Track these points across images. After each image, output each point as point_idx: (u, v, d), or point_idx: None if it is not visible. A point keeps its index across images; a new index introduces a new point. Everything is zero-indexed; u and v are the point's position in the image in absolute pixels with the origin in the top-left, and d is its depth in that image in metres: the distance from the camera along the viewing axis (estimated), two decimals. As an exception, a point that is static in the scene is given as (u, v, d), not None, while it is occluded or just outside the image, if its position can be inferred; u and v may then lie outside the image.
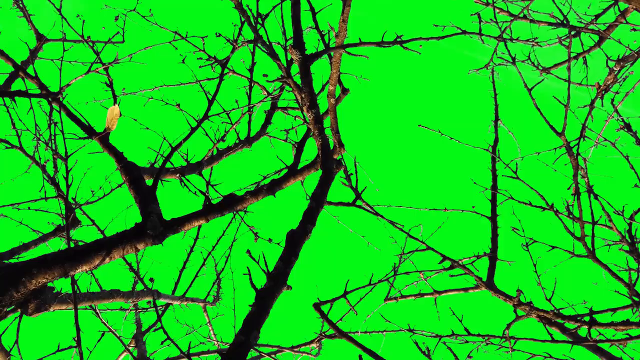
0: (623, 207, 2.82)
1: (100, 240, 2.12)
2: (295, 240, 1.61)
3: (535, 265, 2.91)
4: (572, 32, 3.30)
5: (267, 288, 1.47)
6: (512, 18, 2.59)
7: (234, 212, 2.30)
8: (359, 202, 1.86)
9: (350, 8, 2.13)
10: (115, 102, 2.59)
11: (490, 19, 2.40)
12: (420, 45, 1.97)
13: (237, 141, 3.25)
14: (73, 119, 2.41)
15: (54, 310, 2.47)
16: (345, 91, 2.54)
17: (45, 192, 2.98)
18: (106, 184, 4.09)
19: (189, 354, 1.45)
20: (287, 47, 1.92)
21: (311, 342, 4.01)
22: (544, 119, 2.08)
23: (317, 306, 1.44)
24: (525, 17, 2.72)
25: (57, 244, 3.68)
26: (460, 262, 3.02)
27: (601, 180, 2.74)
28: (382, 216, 1.87)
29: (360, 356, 1.42)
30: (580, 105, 2.36)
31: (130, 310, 4.30)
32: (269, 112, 3.52)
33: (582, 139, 2.29)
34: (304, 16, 2.53)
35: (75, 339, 2.06)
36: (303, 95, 1.92)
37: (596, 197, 2.57)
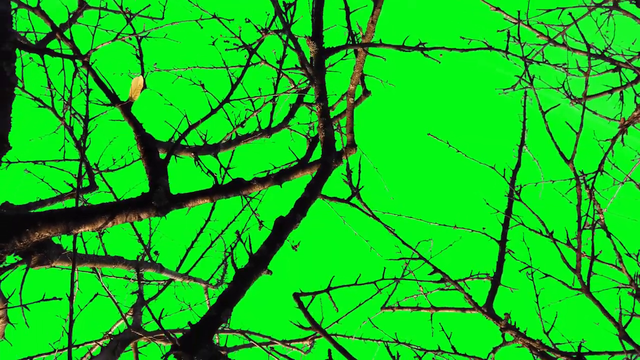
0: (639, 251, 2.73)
1: (106, 204, 2.18)
2: (282, 226, 1.62)
3: (537, 295, 2.85)
4: (613, 67, 3.22)
5: (248, 269, 1.49)
6: (546, 41, 2.54)
7: (241, 197, 2.32)
8: (355, 201, 1.86)
9: (380, 10, 2.13)
10: (142, 74, 2.65)
11: (522, 41, 2.35)
12: (441, 54, 1.96)
13: (258, 129, 3.29)
14: (99, 84, 2.48)
15: (55, 265, 2.55)
16: (366, 93, 2.54)
17: (64, 152, 3.06)
18: (128, 155, 4.20)
19: (166, 331, 1.47)
20: (305, 38, 1.93)
21: (304, 339, 4.03)
22: (555, 145, 2.03)
23: (296, 296, 1.45)
24: (562, 44, 2.66)
25: (71, 205, 3.78)
26: (459, 281, 2.98)
27: (619, 220, 2.66)
28: (378, 219, 1.86)
29: (329, 351, 1.42)
30: (604, 139, 2.29)
31: (134, 280, 4.39)
32: (294, 105, 3.54)
33: (599, 173, 2.23)
34: (337, 14, 2.54)
35: (69, 295, 2.12)
36: (314, 87, 1.93)
37: (609, 235, 2.50)
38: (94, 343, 2.77)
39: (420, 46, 1.93)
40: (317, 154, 2.52)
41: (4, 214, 2.00)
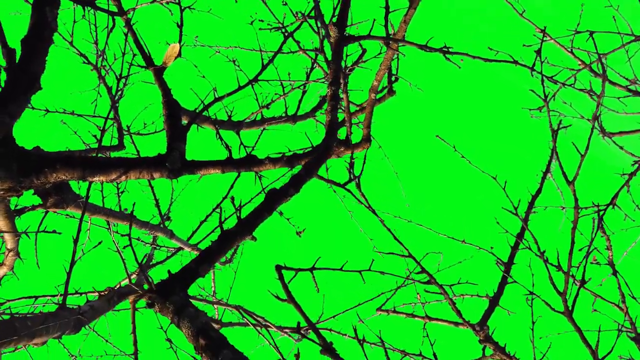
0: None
1: (122, 158, 2.28)
2: (273, 197, 1.67)
3: (533, 322, 2.80)
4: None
5: (233, 231, 1.54)
6: (581, 66, 2.49)
7: (254, 173, 2.38)
8: (352, 187, 1.89)
9: (414, 11, 2.15)
10: (179, 43, 2.74)
11: (552, 61, 2.32)
12: (462, 60, 1.96)
13: (284, 115, 3.35)
14: (137, 45, 2.59)
15: (69, 210, 2.67)
16: (391, 92, 2.56)
17: (95, 106, 3.19)
18: (159, 122, 4.34)
19: (145, 275, 1.53)
20: (328, 23, 1.97)
21: (299, 328, 4.06)
22: (559, 165, 2.00)
23: (278, 268, 1.49)
24: (598, 73, 2.61)
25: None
26: (456, 297, 2.97)
27: (629, 258, 2.60)
28: (374, 211, 1.87)
29: (298, 323, 1.46)
30: (622, 173, 2.24)
31: (146, 244, 4.53)
32: (323, 97, 3.59)
33: (612, 206, 2.18)
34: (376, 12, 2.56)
35: (75, 238, 2.23)
36: (329, 71, 1.97)
37: (615, 273, 2.44)
38: (95, 292, 2.89)
39: (443, 49, 1.94)
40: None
41: (27, 152, 2.12)
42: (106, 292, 2.50)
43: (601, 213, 2.15)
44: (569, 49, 2.47)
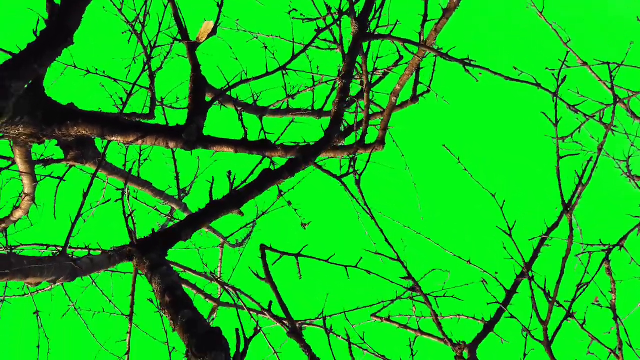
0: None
1: (142, 123, 2.36)
2: (266, 177, 1.70)
3: (525, 354, 2.74)
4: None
5: (221, 202, 1.58)
6: (617, 100, 2.41)
7: (263, 157, 2.42)
8: (349, 181, 1.89)
9: (446, 21, 2.15)
10: (217, 22, 2.80)
11: (579, 90, 2.26)
12: (480, 74, 1.94)
13: (310, 108, 3.38)
14: (176, 17, 2.66)
15: (88, 166, 2.78)
16: (414, 100, 2.55)
17: (128, 71, 3.30)
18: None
19: (130, 230, 1.59)
20: (351, 17, 1.99)
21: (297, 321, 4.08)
22: (560, 192, 1.95)
23: (263, 248, 1.52)
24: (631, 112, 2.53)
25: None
26: (449, 317, 2.94)
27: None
28: (369, 211, 1.86)
29: (270, 302, 1.48)
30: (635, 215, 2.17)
31: (162, 215, 4.64)
32: (352, 98, 3.60)
33: (619, 247, 2.11)
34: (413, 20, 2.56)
35: (85, 191, 2.32)
36: (344, 63, 1.98)
37: (615, 317, 2.37)
38: (100, 249, 2.98)
39: (465, 60, 1.92)
40: (350, 139, 2.57)
41: (53, 102, 2.22)
42: (109, 249, 2.58)
43: (593, 251, 2.08)
44: (604, 82, 2.40)
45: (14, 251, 2.80)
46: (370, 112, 2.82)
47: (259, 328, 1.20)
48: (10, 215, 2.87)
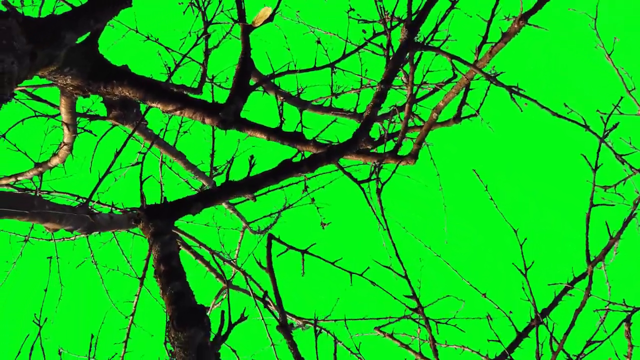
0: None
1: (183, 95, 2.40)
2: (284, 167, 1.68)
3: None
4: None
5: (236, 183, 1.58)
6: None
7: (297, 149, 2.41)
8: (366, 187, 1.85)
9: (504, 45, 2.08)
10: (275, 9, 2.82)
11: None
12: (526, 104, 1.86)
13: (353, 110, 3.35)
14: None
15: (127, 126, 2.85)
16: (457, 120, 2.49)
17: (182, 43, 3.36)
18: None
19: (142, 195, 1.61)
20: (403, 24, 1.95)
21: (300, 318, 4.08)
22: (586, 244, 1.85)
23: (270, 237, 1.51)
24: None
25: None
26: (456, 347, 2.85)
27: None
28: (384, 223, 1.81)
29: (265, 292, 1.46)
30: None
31: (191, 189, 4.73)
32: (396, 107, 3.56)
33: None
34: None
35: (117, 151, 2.38)
36: (385, 69, 1.95)
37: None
38: (121, 207, 3.05)
39: (513, 87, 1.85)
40: (388, 146, 2.53)
41: (103, 60, 2.28)
42: (129, 209, 2.65)
43: (614, 310, 1.96)
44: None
45: (45, 196, 2.91)
46: (410, 124, 2.77)
47: (245, 315, 1.20)
48: (47, 161, 2.98)
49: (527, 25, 2.01)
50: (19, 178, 3.11)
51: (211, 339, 1.09)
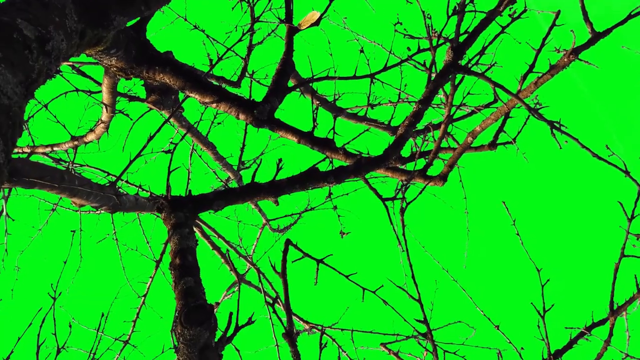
0: None
1: (221, 88, 2.42)
2: (310, 175, 1.67)
3: None
4: None
5: (261, 186, 1.58)
6: None
7: (325, 155, 2.41)
8: (390, 205, 1.81)
9: (551, 78, 2.03)
10: (323, 14, 2.81)
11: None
12: (566, 142, 1.80)
13: (387, 123, 3.32)
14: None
15: (164, 112, 2.90)
16: (492, 146, 2.44)
17: (227, 37, 3.39)
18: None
19: (168, 185, 1.63)
20: (449, 45, 1.91)
21: (306, 322, 4.07)
22: (612, 289, 1.77)
23: (287, 243, 1.50)
24: None
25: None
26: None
27: None
28: (401, 241, 1.77)
29: (276, 296, 1.45)
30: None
31: (218, 179, 4.78)
32: (430, 125, 3.52)
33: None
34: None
35: (151, 135, 2.42)
36: (425, 88, 1.92)
37: None
38: (148, 190, 3.10)
39: (555, 123, 1.79)
40: (418, 164, 2.50)
41: (149, 46, 2.33)
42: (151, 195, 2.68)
43: None
44: None
45: (77, 169, 2.98)
46: (444, 145, 2.73)
47: (253, 320, 1.19)
48: (84, 136, 3.05)
49: (578, 60, 1.96)
50: (54, 148, 3.20)
51: (216, 339, 1.09)
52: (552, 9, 2.45)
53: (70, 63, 2.98)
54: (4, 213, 2.40)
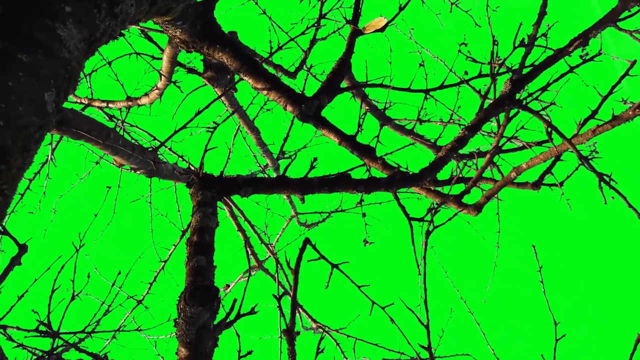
0: None
1: (274, 77, 2.44)
2: (341, 180, 1.67)
3: None
4: None
5: (290, 180, 1.58)
6: None
7: (363, 162, 2.39)
8: (416, 225, 1.79)
9: (611, 128, 1.95)
10: (390, 21, 2.79)
11: None
12: (612, 197, 1.71)
13: (432, 141, 3.27)
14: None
15: (217, 90, 2.96)
16: (536, 186, 2.36)
17: (292, 27, 3.41)
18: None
19: (202, 163, 1.65)
20: (509, 76, 1.85)
21: (314, 320, 4.07)
22: (633, 348, 1.67)
23: (306, 242, 1.50)
24: None
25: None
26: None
27: None
28: (422, 266, 1.74)
29: (284, 293, 1.46)
30: None
31: (257, 164, 4.84)
32: (476, 151, 3.44)
33: None
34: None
35: (199, 109, 2.48)
36: (475, 116, 1.87)
37: None
38: (187, 161, 3.17)
39: (604, 176, 1.71)
40: (454, 189, 2.45)
41: (214, 24, 2.37)
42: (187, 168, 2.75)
43: None
44: None
45: (127, 128, 3.09)
46: (486, 174, 2.66)
47: (256, 310, 1.20)
48: (138, 98, 3.15)
49: (643, 115, 1.86)
50: (109, 105, 3.33)
51: (216, 322, 1.11)
52: (631, 58, 2.34)
53: (140, 27, 3.08)
54: (49, 158, 2.52)
